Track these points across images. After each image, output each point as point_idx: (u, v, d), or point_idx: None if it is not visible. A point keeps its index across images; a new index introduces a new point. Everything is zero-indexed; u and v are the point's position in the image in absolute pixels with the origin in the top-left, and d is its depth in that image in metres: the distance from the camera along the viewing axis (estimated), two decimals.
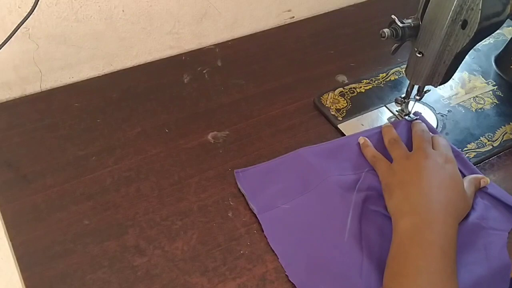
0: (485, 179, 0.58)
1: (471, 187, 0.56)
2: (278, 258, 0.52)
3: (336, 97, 0.71)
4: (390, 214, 0.53)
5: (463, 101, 0.71)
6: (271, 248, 0.53)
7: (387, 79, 0.75)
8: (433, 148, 0.58)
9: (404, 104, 0.67)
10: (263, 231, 0.54)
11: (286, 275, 0.51)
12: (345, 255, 0.52)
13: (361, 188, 0.57)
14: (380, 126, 0.64)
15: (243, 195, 0.58)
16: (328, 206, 0.56)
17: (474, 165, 0.61)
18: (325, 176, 0.58)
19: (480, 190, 0.58)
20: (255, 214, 0.56)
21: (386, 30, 0.57)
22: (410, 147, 0.60)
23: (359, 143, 0.62)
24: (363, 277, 0.50)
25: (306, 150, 0.61)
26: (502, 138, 0.66)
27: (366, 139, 0.61)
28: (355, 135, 0.64)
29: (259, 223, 0.55)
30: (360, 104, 0.70)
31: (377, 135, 0.64)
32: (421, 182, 0.53)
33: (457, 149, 0.62)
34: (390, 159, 0.59)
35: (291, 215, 0.55)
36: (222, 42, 0.82)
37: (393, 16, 0.57)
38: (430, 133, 0.61)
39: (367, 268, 0.51)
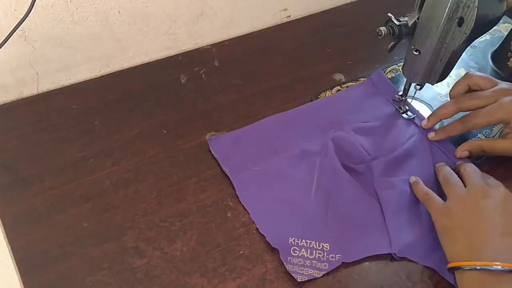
0: None
1: None
2: (249, 214, 0.56)
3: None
4: (449, 261, 0.50)
5: None
6: (270, 247, 0.53)
7: None
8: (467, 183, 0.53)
9: (401, 102, 0.67)
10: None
11: (257, 228, 0.54)
12: (311, 209, 0.56)
13: (327, 149, 0.61)
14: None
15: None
16: (295, 167, 0.60)
17: (473, 162, 0.61)
18: (292, 140, 0.63)
19: None
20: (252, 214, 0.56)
21: (382, 28, 0.57)
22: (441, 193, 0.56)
23: (324, 109, 0.67)
24: (329, 228, 0.54)
25: (275, 118, 0.66)
26: (500, 135, 0.66)
27: (418, 178, 0.58)
28: (321, 102, 0.69)
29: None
30: None
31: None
32: (486, 228, 0.48)
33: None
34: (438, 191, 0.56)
35: (261, 176, 0.59)
36: (219, 42, 0.82)
37: (389, 14, 0.57)
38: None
39: (332, 220, 0.55)
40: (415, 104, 0.70)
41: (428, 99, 0.71)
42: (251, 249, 0.53)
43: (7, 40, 0.60)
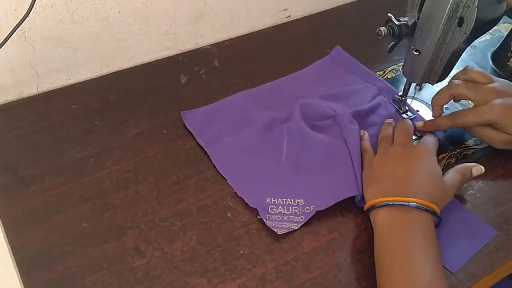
0: (478, 167, 0.56)
1: (456, 176, 0.55)
2: (227, 181, 0.59)
3: None
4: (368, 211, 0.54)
5: None
6: (270, 247, 0.53)
7: (384, 77, 0.75)
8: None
9: (401, 102, 0.67)
10: (264, 230, 0.55)
11: (235, 192, 0.58)
12: (284, 171, 0.60)
13: (292, 114, 0.65)
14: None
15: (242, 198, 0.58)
16: (265, 135, 0.63)
17: (472, 162, 0.61)
18: (262, 112, 0.66)
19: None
20: (254, 214, 0.56)
21: (382, 28, 0.57)
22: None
23: (291, 83, 0.72)
24: (301, 185, 0.58)
25: (245, 93, 0.70)
26: None
27: (365, 132, 0.62)
28: (287, 78, 0.73)
29: (258, 223, 0.55)
30: None
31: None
32: (395, 174, 0.54)
33: None
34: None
35: (235, 146, 0.63)
36: (219, 42, 0.82)
37: (389, 14, 0.57)
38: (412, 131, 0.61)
39: (304, 177, 0.59)
40: (415, 104, 0.70)
41: (428, 99, 0.71)
42: (251, 249, 0.53)
43: (7, 40, 0.60)
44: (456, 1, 0.52)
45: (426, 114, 0.68)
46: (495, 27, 0.61)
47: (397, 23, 0.56)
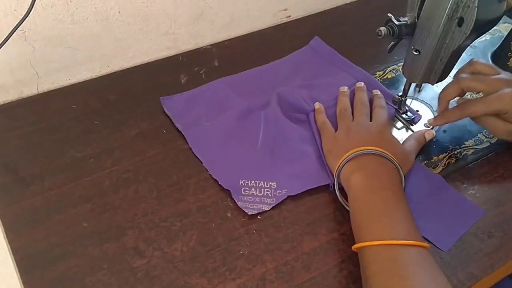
0: (429, 132, 0.63)
1: (413, 143, 0.60)
2: (205, 167, 0.60)
3: None
4: (340, 178, 0.57)
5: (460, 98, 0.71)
6: (270, 247, 0.53)
7: (384, 77, 0.75)
8: (372, 119, 0.62)
9: (401, 102, 0.67)
10: (264, 230, 0.55)
11: (210, 175, 0.59)
12: (258, 155, 0.61)
13: (270, 102, 0.66)
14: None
15: None
16: (243, 121, 0.65)
17: (472, 162, 0.62)
18: (240, 98, 0.67)
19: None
20: (254, 214, 0.56)
21: (382, 28, 0.57)
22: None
23: (270, 71, 0.74)
24: (275, 168, 0.60)
25: (225, 79, 0.71)
26: None
27: (321, 105, 0.66)
28: (266, 66, 0.75)
29: (258, 223, 0.55)
30: None
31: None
32: (360, 145, 0.57)
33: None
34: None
35: (212, 130, 0.64)
36: (219, 42, 0.82)
37: (389, 14, 0.57)
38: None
39: (278, 161, 0.61)
40: (415, 104, 0.70)
41: (428, 99, 0.71)
42: (251, 249, 0.53)
43: (7, 40, 0.60)
44: (456, 1, 0.52)
45: (426, 114, 0.68)
46: (495, 27, 0.61)
47: (397, 23, 0.56)
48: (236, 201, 0.56)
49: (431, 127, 0.65)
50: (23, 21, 0.59)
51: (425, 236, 0.54)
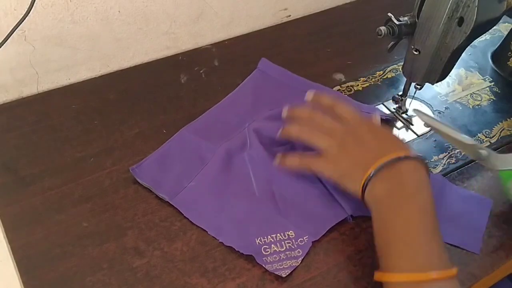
0: (375, 117, 0.61)
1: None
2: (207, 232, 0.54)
3: None
4: (355, 195, 0.52)
5: (460, 98, 0.72)
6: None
7: (384, 77, 0.75)
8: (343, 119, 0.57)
9: (401, 102, 0.67)
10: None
11: (221, 242, 0.53)
12: (261, 205, 0.56)
13: (250, 141, 0.61)
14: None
15: None
16: (228, 170, 0.59)
17: (472, 162, 0.62)
18: (213, 145, 0.61)
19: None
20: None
21: (382, 28, 0.57)
22: None
23: (230, 108, 0.68)
24: (284, 216, 0.55)
25: (188, 128, 0.64)
26: (500, 134, 0.66)
27: (281, 154, 0.59)
28: (223, 103, 0.69)
29: None
30: None
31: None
32: (360, 153, 0.53)
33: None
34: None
35: (201, 191, 0.57)
36: (219, 42, 0.82)
37: (389, 14, 0.57)
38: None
39: (283, 207, 0.56)
40: (415, 104, 0.70)
41: (428, 99, 0.71)
42: None
43: (7, 40, 0.60)
44: (456, 1, 0.52)
45: (426, 113, 0.68)
46: (495, 27, 0.61)
47: (397, 22, 0.56)
48: (263, 266, 0.51)
49: (429, 128, 0.65)
50: (23, 21, 0.59)
51: (449, 242, 0.53)
